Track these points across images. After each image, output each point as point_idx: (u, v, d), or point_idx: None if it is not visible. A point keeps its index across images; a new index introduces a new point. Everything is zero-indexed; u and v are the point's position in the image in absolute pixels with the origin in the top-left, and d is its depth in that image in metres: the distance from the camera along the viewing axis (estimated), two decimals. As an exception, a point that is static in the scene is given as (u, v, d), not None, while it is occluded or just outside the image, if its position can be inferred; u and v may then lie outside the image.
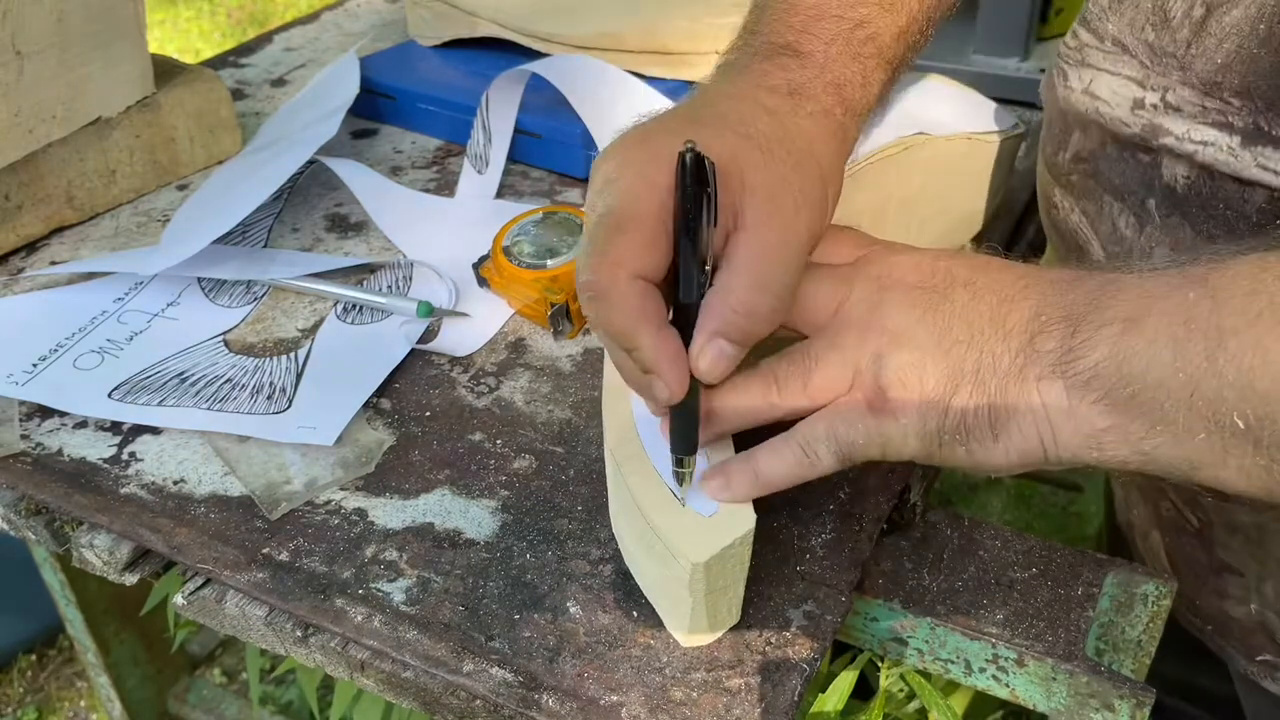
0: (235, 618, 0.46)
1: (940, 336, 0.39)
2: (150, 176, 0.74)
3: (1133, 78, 0.48)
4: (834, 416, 0.40)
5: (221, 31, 3.35)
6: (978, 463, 0.39)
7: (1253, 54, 0.44)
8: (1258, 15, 0.44)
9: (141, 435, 0.53)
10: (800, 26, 0.46)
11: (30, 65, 0.64)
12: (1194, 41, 0.46)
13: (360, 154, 0.79)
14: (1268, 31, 0.43)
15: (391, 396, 0.56)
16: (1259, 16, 0.44)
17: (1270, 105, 0.44)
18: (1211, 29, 0.45)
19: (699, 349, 0.39)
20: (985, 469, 0.40)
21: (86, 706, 1.42)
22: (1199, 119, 0.46)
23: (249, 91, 0.89)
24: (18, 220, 0.67)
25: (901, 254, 0.42)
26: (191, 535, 0.48)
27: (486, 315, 0.61)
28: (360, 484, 0.50)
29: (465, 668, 0.42)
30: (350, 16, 1.04)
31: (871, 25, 0.47)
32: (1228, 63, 0.45)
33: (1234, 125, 0.45)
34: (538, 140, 0.75)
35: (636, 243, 0.38)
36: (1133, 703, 0.43)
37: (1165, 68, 0.47)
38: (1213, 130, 0.45)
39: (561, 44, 0.80)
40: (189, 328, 0.61)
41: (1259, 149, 0.44)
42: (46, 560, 1.02)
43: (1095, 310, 0.37)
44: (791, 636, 0.42)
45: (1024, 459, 0.38)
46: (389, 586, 0.45)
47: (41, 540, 0.51)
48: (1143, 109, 0.48)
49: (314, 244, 0.69)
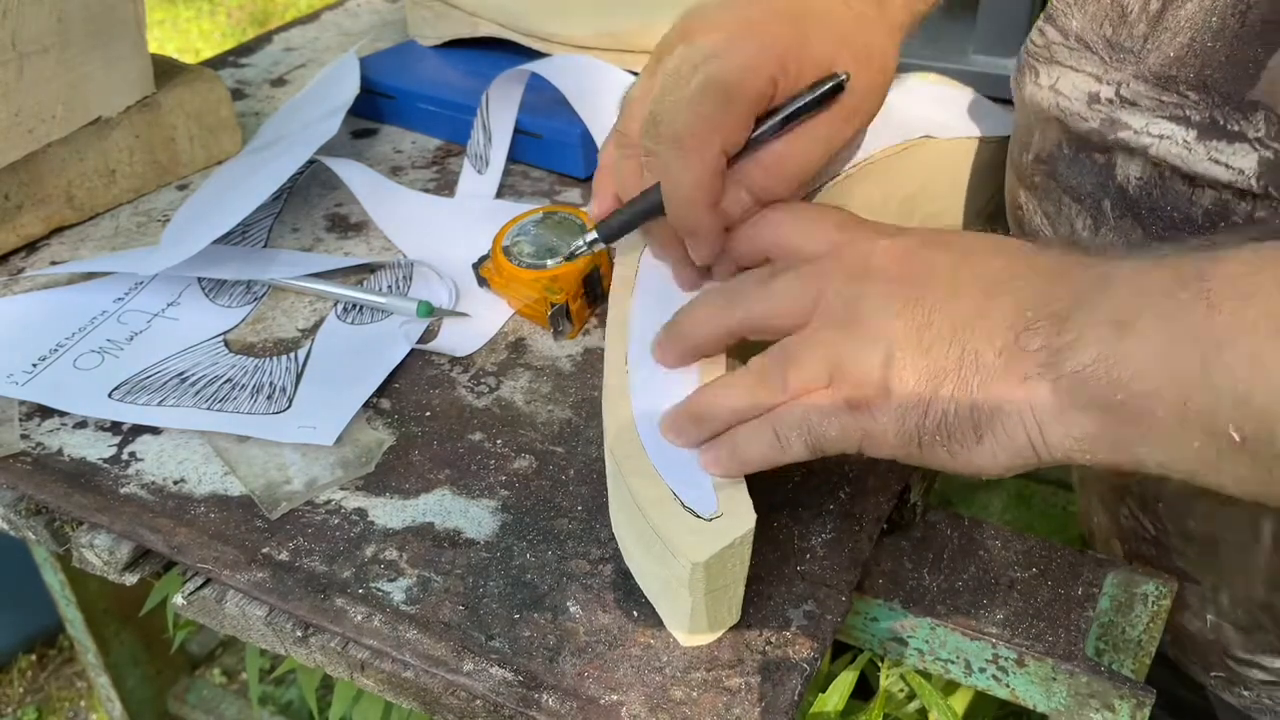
0: (235, 618, 0.46)
1: (920, 332, 0.38)
2: (150, 176, 0.74)
3: (1092, 74, 0.48)
4: (810, 408, 0.40)
5: (221, 31, 3.35)
6: (962, 465, 0.38)
7: (1206, 47, 0.43)
8: (1210, 7, 0.44)
9: (141, 435, 0.53)
10: None
11: (30, 65, 0.64)
12: (1150, 35, 0.46)
13: (360, 154, 0.79)
14: (1220, 24, 0.43)
15: (391, 396, 0.56)
16: (1211, 8, 0.44)
17: (1226, 99, 0.43)
18: (1168, 23, 0.45)
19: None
20: (973, 471, 0.38)
21: (86, 706, 1.42)
22: (1156, 112, 0.45)
23: (249, 91, 0.89)
24: (18, 220, 0.67)
25: (883, 239, 0.42)
26: (191, 535, 0.48)
27: (486, 315, 0.61)
28: (360, 484, 0.50)
29: (465, 667, 0.42)
30: (350, 16, 1.04)
31: None
32: (1180, 56, 0.44)
33: (1190, 119, 0.44)
34: (538, 140, 0.75)
35: (737, 119, 0.44)
36: (1133, 703, 0.43)
37: (1122, 63, 0.47)
38: (1169, 124, 0.45)
39: (561, 44, 0.80)
40: (189, 328, 0.61)
41: (1213, 142, 0.43)
42: (46, 560, 1.02)
43: (1084, 308, 0.35)
44: (791, 636, 0.42)
45: (1013, 460, 0.37)
46: (389, 586, 0.45)
47: (41, 540, 0.51)
48: (1099, 103, 0.47)
49: (314, 244, 0.69)
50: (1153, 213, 0.47)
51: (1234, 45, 0.43)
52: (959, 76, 0.66)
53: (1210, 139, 0.44)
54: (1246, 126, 0.42)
